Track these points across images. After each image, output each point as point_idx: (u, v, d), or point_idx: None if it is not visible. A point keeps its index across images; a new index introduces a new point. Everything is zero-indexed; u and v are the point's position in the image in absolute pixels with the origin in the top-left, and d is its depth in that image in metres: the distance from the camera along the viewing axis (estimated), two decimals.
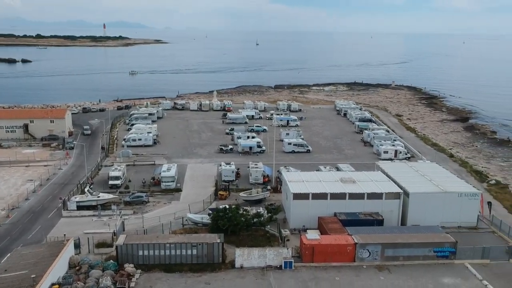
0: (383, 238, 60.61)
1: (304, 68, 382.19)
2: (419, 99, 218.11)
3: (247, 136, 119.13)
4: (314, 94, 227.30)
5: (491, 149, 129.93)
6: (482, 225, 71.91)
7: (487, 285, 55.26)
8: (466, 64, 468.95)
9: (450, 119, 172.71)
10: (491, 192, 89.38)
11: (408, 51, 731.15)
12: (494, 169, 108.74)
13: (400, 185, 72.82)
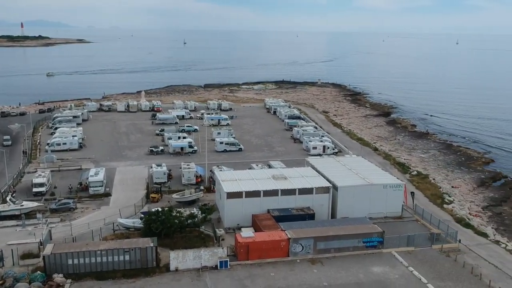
0: (315, 232, 62.29)
1: (234, 67, 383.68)
2: (344, 96, 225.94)
3: (178, 136, 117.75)
4: (244, 92, 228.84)
5: (411, 141, 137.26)
6: (406, 214, 75.83)
7: (412, 271, 58.39)
8: (386, 61, 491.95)
9: (374, 114, 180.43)
10: (413, 182, 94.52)
11: (333, 49, 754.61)
12: (415, 161, 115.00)
13: (329, 179, 75.13)
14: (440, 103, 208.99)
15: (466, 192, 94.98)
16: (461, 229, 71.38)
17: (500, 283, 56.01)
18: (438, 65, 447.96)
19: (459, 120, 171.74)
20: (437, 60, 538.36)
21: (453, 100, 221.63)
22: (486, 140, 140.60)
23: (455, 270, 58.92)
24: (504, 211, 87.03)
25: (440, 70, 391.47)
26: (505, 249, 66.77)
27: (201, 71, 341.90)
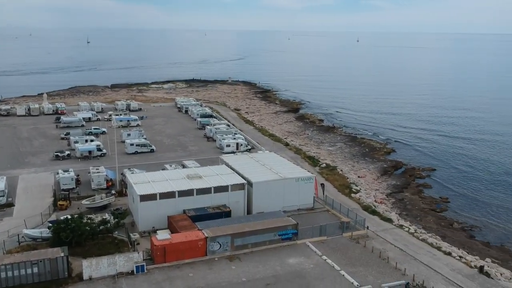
0: (232, 229, 62.78)
1: (142, 66, 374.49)
2: (255, 93, 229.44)
3: (85, 139, 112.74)
4: (154, 92, 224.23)
5: (320, 135, 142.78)
6: (318, 206, 78.79)
7: (326, 259, 60.89)
8: (293, 59, 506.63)
9: (283, 110, 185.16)
10: (323, 174, 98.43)
11: (242, 48, 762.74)
12: (324, 154, 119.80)
13: (244, 176, 76.00)
14: (344, 99, 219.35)
15: (371, 181, 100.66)
16: (368, 216, 75.58)
17: (405, 265, 60.11)
18: (341, 62, 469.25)
19: (361, 114, 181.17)
20: (340, 57, 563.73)
21: (355, 95, 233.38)
22: (386, 132, 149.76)
23: (364, 256, 62.30)
24: (405, 197, 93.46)
25: (343, 67, 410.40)
26: (408, 233, 71.74)
27: (107, 71, 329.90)
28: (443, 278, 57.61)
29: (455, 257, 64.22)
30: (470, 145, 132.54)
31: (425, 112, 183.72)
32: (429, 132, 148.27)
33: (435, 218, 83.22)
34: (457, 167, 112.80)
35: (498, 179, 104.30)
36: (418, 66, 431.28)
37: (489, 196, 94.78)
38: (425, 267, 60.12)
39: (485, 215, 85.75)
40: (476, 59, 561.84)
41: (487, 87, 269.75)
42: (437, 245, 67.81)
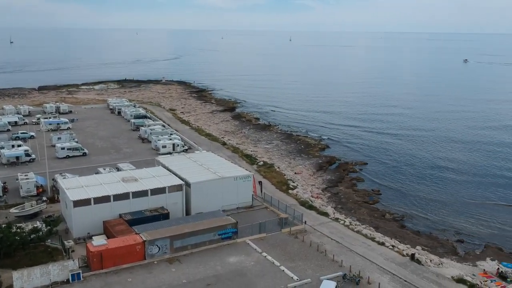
0: (171, 231, 62.00)
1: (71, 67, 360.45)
2: (190, 93, 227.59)
3: (12, 145, 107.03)
4: (84, 93, 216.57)
5: (256, 134, 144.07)
6: (256, 203, 79.49)
7: (266, 256, 61.60)
8: (227, 58, 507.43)
9: (220, 109, 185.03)
10: (261, 172, 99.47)
11: (176, 47, 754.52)
12: (261, 152, 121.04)
13: (181, 177, 75.25)
14: (279, 97, 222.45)
15: (307, 177, 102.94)
16: (306, 211, 77.27)
17: (342, 256, 62.03)
18: (275, 61, 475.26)
19: (296, 112, 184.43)
20: (273, 56, 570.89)
21: (289, 94, 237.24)
22: (320, 129, 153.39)
23: (303, 250, 63.66)
24: (340, 191, 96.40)
25: (276, 66, 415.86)
26: (343, 225, 74.06)
27: (33, 72, 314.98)
28: (378, 268, 60.01)
29: (388, 246, 67.08)
30: (397, 141, 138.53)
31: (356, 110, 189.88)
32: (359, 129, 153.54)
33: (368, 210, 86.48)
34: (386, 161, 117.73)
35: (424, 172, 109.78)
36: (348, 65, 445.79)
37: (416, 188, 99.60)
38: (361, 258, 62.36)
39: (414, 205, 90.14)
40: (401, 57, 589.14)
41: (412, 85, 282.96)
42: (371, 236, 70.50)
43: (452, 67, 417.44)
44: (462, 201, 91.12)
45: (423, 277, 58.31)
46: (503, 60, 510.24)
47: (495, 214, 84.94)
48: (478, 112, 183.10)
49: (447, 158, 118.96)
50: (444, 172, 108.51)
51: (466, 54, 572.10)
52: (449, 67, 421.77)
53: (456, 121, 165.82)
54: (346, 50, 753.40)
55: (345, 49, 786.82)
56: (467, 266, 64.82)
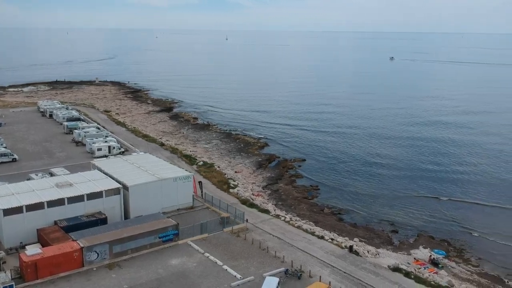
0: (109, 236, 60.33)
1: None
2: (125, 94, 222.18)
3: None
4: (12, 96, 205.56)
5: (195, 134, 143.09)
6: (197, 204, 79.01)
7: (208, 256, 61.39)
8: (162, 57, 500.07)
9: (156, 110, 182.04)
10: (201, 172, 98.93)
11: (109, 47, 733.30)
12: (201, 151, 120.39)
13: (119, 180, 73.40)
14: (217, 96, 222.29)
15: (247, 176, 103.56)
16: (247, 210, 77.72)
17: (284, 252, 62.98)
18: (212, 60, 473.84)
19: (234, 111, 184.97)
20: (210, 55, 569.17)
21: (227, 93, 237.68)
22: (258, 127, 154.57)
23: (245, 248, 64.02)
24: (280, 187, 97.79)
25: (213, 65, 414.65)
26: (284, 221, 75.21)
27: None
28: (318, 261, 61.46)
29: (328, 240, 68.88)
30: (331, 138, 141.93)
31: (292, 108, 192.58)
32: (296, 127, 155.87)
33: (307, 205, 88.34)
34: (323, 158, 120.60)
35: (358, 167, 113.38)
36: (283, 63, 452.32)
37: (352, 182, 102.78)
38: (302, 253, 63.61)
39: (351, 199, 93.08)
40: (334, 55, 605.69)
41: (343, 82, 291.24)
42: (311, 230, 72.09)
43: (380, 65, 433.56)
44: (395, 194, 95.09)
45: (361, 268, 60.37)
46: (425, 58, 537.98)
47: (425, 205, 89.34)
48: (405, 109, 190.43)
49: (378, 154, 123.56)
50: (377, 167, 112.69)
51: (392, 52, 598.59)
52: (377, 64, 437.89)
53: (385, 117, 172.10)
54: (282, 49, 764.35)
55: (281, 48, 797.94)
56: (402, 255, 67.81)
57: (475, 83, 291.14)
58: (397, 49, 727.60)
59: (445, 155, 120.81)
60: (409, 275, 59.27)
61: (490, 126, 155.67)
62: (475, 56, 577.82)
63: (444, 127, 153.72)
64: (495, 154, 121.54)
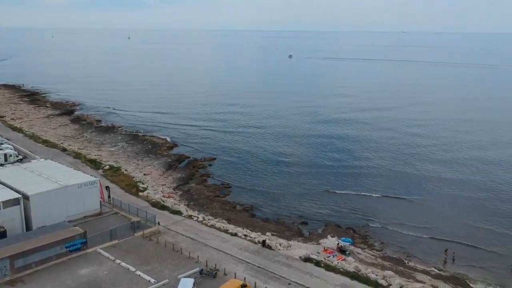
0: (10, 250, 56.23)
1: None
2: (20, 97, 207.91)
3: None
4: None
5: (99, 137, 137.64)
6: (105, 210, 76.13)
7: (120, 263, 59.47)
8: (60, 58, 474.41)
9: (56, 113, 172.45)
10: (107, 176, 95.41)
11: (1, 47, 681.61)
12: (106, 155, 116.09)
13: (18, 189, 68.59)
14: (120, 97, 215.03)
15: (157, 177, 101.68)
16: (159, 212, 76.36)
17: (198, 252, 62.75)
18: (112, 60, 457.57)
19: (139, 112, 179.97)
20: (110, 55, 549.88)
21: (131, 93, 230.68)
22: (166, 128, 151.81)
23: (158, 251, 62.88)
24: (191, 187, 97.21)
25: (114, 65, 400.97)
26: (197, 221, 74.91)
27: None
28: (233, 258, 62.04)
29: (241, 236, 69.73)
30: (240, 137, 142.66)
31: (198, 108, 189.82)
32: (204, 127, 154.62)
33: (220, 204, 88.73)
34: (233, 156, 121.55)
35: (267, 164, 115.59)
36: (186, 63, 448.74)
37: (261, 179, 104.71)
38: (216, 251, 63.81)
39: (261, 195, 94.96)
40: (237, 54, 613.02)
41: (248, 82, 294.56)
42: (224, 228, 72.52)
43: (279, 63, 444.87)
44: (302, 188, 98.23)
45: (274, 261, 61.88)
46: (321, 55, 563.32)
47: (330, 198, 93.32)
48: (307, 107, 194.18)
49: (284, 151, 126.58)
50: (283, 164, 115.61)
51: (291, 50, 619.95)
52: (277, 63, 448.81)
53: (289, 116, 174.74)
54: (186, 48, 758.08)
55: (185, 46, 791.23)
56: (312, 245, 70.51)
57: (369, 79, 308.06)
58: (295, 48, 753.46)
59: (344, 151, 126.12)
60: (319, 264, 61.80)
61: (384, 122, 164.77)
62: (370, 54, 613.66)
63: (342, 124, 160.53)
64: (388, 148, 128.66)
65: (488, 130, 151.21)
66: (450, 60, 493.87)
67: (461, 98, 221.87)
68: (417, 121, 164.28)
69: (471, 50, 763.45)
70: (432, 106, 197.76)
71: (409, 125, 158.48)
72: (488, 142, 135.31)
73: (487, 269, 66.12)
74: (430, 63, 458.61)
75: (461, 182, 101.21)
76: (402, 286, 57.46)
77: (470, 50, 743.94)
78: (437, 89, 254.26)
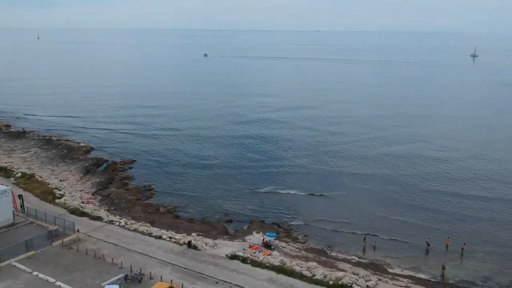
0: None
1: None
2: None
3: None
4: None
5: (9, 143, 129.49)
6: (19, 220, 71.84)
7: (38, 274, 56.44)
8: None
9: None
10: (20, 184, 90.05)
11: None
12: (18, 162, 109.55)
13: None
14: (29, 100, 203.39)
15: (74, 183, 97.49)
16: (78, 219, 73.26)
17: (121, 258, 61.04)
18: (19, 61, 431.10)
19: (51, 116, 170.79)
20: (18, 55, 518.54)
21: (41, 96, 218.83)
22: (80, 132, 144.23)
23: (79, 260, 60.40)
24: (112, 192, 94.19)
25: (22, 66, 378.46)
26: (119, 226, 72.81)
27: None
28: (158, 261, 61.05)
29: (166, 239, 68.76)
30: (161, 140, 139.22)
31: (115, 112, 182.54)
32: (122, 130, 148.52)
33: (142, 207, 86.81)
34: (154, 158, 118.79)
35: (188, 165, 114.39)
36: (103, 63, 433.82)
37: (183, 179, 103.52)
38: (140, 256, 62.45)
39: (185, 195, 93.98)
40: (153, 53, 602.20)
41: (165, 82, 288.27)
42: (148, 231, 71.11)
43: (195, 62, 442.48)
44: (225, 188, 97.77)
45: (201, 261, 61.71)
46: (236, 54, 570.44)
47: (253, 196, 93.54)
48: (227, 108, 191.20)
49: (204, 153, 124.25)
50: (206, 164, 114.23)
51: (207, 49, 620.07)
52: (192, 62, 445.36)
53: (207, 117, 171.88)
54: (101, 47, 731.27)
55: (100, 46, 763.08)
56: (237, 243, 71.10)
57: (285, 78, 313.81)
58: (211, 46, 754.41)
59: (264, 151, 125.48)
60: (245, 261, 62.49)
61: (301, 121, 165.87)
62: (285, 52, 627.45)
63: (261, 124, 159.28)
64: (307, 147, 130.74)
65: (399, 126, 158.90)
66: (360, 58, 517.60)
67: (375, 95, 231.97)
68: (333, 119, 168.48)
69: (381, 48, 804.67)
70: (347, 104, 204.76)
71: (325, 123, 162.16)
72: (399, 137, 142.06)
73: (402, 255, 70.24)
74: (342, 60, 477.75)
75: (374, 176, 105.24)
76: (325, 275, 59.55)
77: (381, 48, 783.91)
78: (352, 87, 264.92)
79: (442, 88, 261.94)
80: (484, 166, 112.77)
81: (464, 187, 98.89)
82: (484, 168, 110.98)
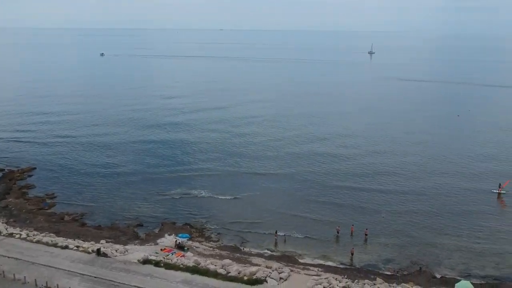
0: None
1: None
2: None
3: None
4: None
5: None
6: None
7: None
8: None
9: None
10: None
11: None
12: None
13: None
14: None
15: None
16: None
17: (24, 272, 57.40)
18: None
19: None
20: None
21: None
22: None
23: None
24: (10, 202, 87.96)
25: None
26: (20, 239, 68.31)
27: None
28: (65, 272, 58.26)
29: (73, 248, 65.71)
30: (60, 147, 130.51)
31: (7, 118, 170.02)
32: (18, 138, 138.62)
33: (45, 217, 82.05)
34: (55, 165, 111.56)
35: (93, 171, 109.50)
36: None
37: (88, 186, 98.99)
38: (46, 268, 59.18)
39: (91, 201, 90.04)
40: (48, 54, 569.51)
41: (64, 84, 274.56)
42: (52, 242, 67.46)
43: (90, 62, 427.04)
44: (133, 193, 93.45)
45: (112, 268, 59.81)
46: (135, 53, 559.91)
47: (161, 199, 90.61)
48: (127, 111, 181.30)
49: (109, 160, 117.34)
50: (111, 171, 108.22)
51: (104, 48, 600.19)
52: (88, 62, 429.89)
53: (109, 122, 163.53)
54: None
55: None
56: (149, 246, 69.78)
57: (188, 77, 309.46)
58: (108, 45, 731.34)
59: (172, 155, 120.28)
60: (159, 264, 61.59)
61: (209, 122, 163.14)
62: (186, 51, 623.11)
63: (166, 127, 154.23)
64: (216, 149, 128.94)
65: (304, 125, 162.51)
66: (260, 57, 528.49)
67: (280, 94, 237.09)
68: (242, 120, 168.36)
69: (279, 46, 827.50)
70: (252, 104, 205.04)
71: (232, 124, 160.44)
72: (304, 136, 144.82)
73: (312, 245, 73.21)
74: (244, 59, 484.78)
75: (281, 175, 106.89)
76: (240, 271, 60.43)
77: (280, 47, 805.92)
78: (256, 86, 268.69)
79: (341, 85, 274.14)
80: (382, 161, 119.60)
81: (365, 181, 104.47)
82: (382, 163, 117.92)
